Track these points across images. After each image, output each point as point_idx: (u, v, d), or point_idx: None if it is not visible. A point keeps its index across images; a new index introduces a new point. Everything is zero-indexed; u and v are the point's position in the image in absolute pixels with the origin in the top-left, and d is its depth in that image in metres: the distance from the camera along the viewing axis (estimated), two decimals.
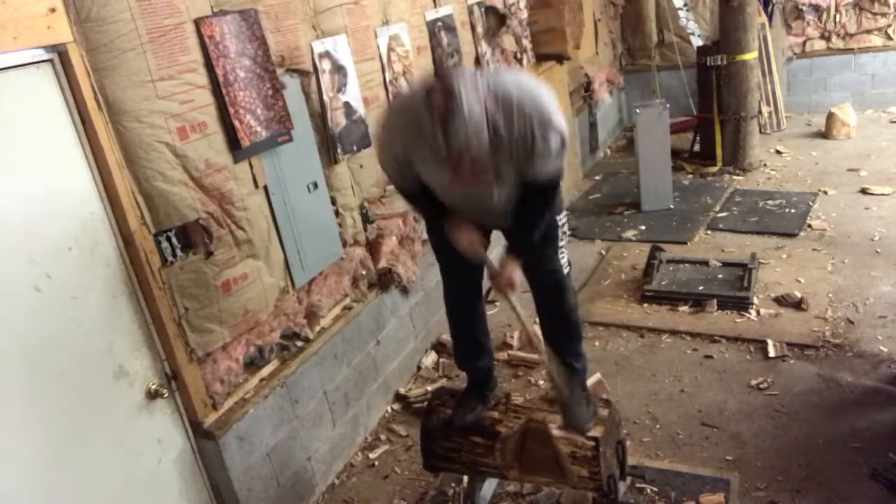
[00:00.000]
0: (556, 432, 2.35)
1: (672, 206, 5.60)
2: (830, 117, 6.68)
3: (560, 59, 5.67)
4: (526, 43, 5.27)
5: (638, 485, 2.75)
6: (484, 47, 4.57)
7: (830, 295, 3.97)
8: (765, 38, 6.83)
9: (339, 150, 3.13)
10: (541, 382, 3.58)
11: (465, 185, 1.94)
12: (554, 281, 2.41)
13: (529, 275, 2.41)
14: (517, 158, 1.98)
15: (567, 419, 2.34)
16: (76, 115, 2.07)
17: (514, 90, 1.90)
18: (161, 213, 2.29)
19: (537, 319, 2.59)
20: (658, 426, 3.15)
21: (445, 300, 2.58)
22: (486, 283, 2.47)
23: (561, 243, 2.38)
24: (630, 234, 5.27)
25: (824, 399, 3.16)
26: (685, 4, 7.18)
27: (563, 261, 2.40)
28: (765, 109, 6.95)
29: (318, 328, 3.05)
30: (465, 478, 2.74)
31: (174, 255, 2.34)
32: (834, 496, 2.63)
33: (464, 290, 2.50)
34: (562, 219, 2.36)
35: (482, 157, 1.80)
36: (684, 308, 4.05)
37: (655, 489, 2.74)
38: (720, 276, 4.32)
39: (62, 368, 2.06)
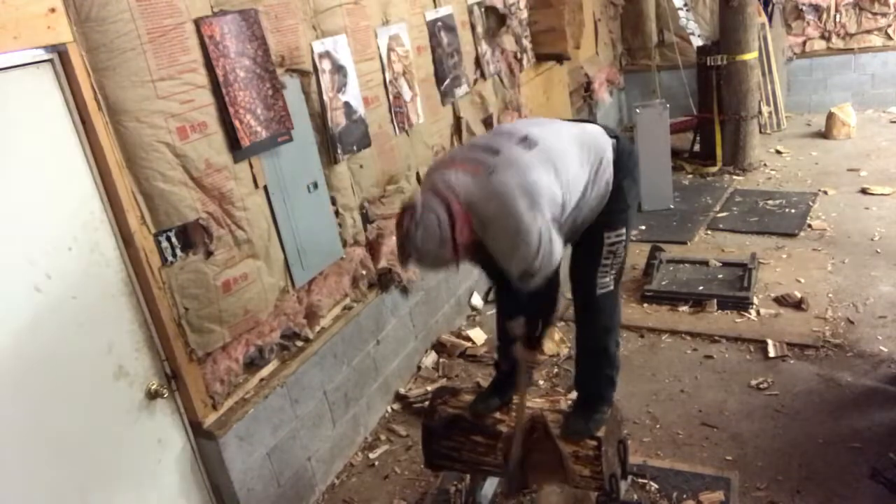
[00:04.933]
0: (557, 432, 2.35)
1: (672, 206, 5.60)
2: (830, 117, 6.68)
3: (560, 59, 5.67)
4: (526, 43, 5.27)
5: (640, 481, 2.75)
6: (484, 47, 4.57)
7: (830, 295, 3.97)
8: (765, 38, 6.83)
9: (339, 150, 3.13)
10: (541, 382, 3.58)
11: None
12: (587, 298, 2.31)
13: (570, 280, 2.37)
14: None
15: (563, 425, 2.36)
16: (76, 116, 2.07)
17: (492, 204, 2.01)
18: (161, 213, 2.29)
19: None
20: (658, 426, 3.15)
21: (496, 301, 2.59)
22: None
23: (607, 261, 2.23)
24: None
25: (824, 399, 3.16)
26: (685, 4, 7.17)
27: (606, 280, 2.26)
28: (765, 109, 6.95)
29: (318, 328, 3.05)
30: (468, 476, 2.74)
31: (174, 255, 2.34)
32: (834, 496, 2.63)
33: (499, 281, 2.45)
34: (611, 236, 2.21)
35: (446, 256, 2.01)
36: (684, 308, 4.05)
37: (657, 486, 2.74)
38: (720, 276, 4.32)
39: (62, 368, 2.06)
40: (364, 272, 3.33)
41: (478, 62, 4.50)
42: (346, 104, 3.18)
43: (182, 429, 2.47)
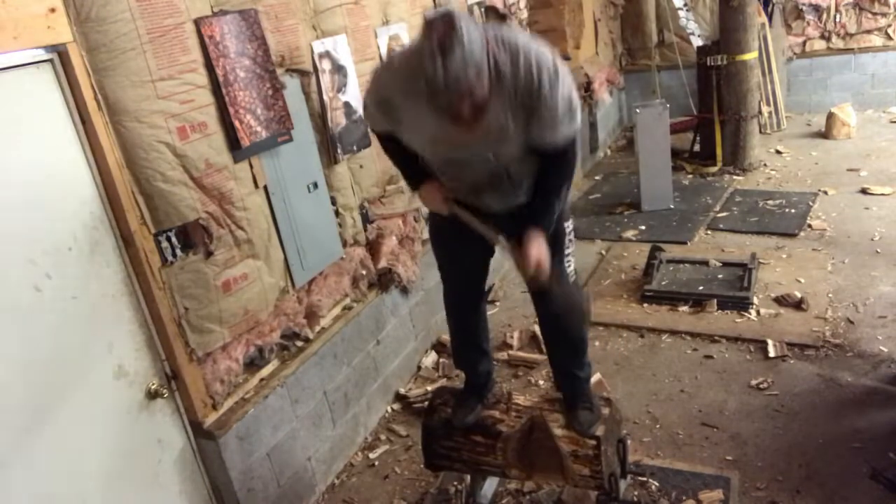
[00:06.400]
0: (557, 431, 2.35)
1: (672, 206, 5.60)
2: (830, 117, 6.68)
3: None
4: None
5: (641, 478, 2.76)
6: None
7: (830, 295, 3.97)
8: (765, 38, 6.83)
9: (339, 150, 3.13)
10: (541, 382, 3.58)
11: (460, 134, 1.86)
12: (559, 291, 2.28)
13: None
14: (522, 112, 1.87)
15: (569, 422, 2.35)
16: (76, 115, 2.07)
17: (522, 42, 1.86)
18: (161, 213, 2.29)
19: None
20: (658, 426, 3.15)
21: (446, 302, 2.52)
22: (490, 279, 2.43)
23: (568, 251, 2.28)
24: (630, 234, 5.27)
25: (824, 399, 3.16)
26: (685, 4, 7.18)
27: (570, 269, 2.30)
28: (765, 109, 6.96)
29: (318, 328, 3.05)
30: (468, 476, 2.73)
31: (174, 255, 2.34)
32: (834, 496, 2.63)
33: (465, 292, 2.44)
34: (569, 225, 2.27)
35: (481, 93, 1.73)
36: (684, 308, 4.05)
37: (657, 485, 2.74)
38: (720, 276, 4.32)
39: (62, 368, 2.06)
40: (364, 272, 3.33)
41: None
42: (346, 104, 3.18)
43: (182, 429, 2.47)
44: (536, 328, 3.95)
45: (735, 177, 6.15)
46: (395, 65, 2.02)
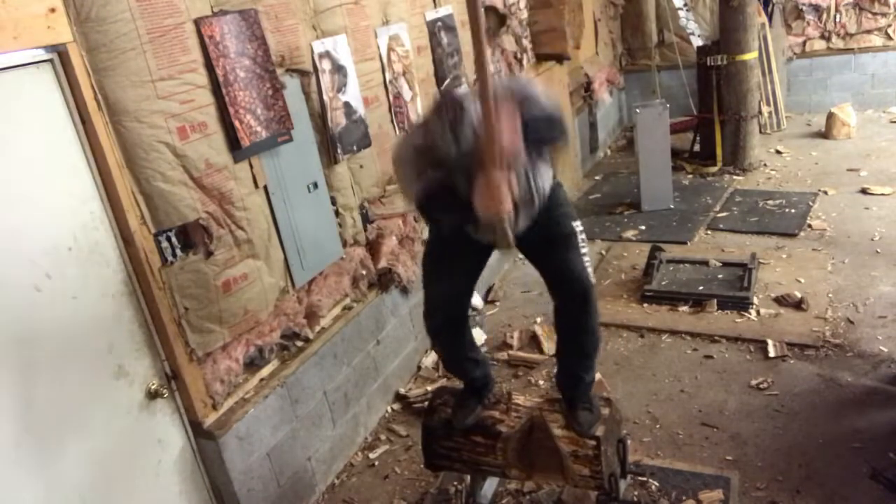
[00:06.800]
0: (557, 431, 2.35)
1: (672, 206, 5.60)
2: (830, 117, 6.68)
3: (560, 59, 5.67)
4: (526, 43, 5.27)
5: (641, 478, 2.75)
6: None
7: (830, 295, 3.97)
8: (765, 38, 6.83)
9: (339, 150, 3.13)
10: (541, 382, 3.58)
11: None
12: (581, 288, 2.25)
13: (553, 280, 2.32)
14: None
15: (569, 423, 2.35)
16: (76, 115, 2.07)
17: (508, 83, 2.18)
18: (161, 213, 2.29)
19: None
20: (658, 426, 3.15)
21: (429, 325, 2.38)
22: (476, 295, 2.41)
23: (584, 250, 2.27)
24: (630, 234, 5.27)
25: (824, 399, 3.16)
26: (685, 4, 7.18)
27: (589, 269, 2.26)
28: (765, 109, 6.96)
29: (318, 328, 3.05)
30: (468, 476, 2.73)
31: (174, 255, 2.34)
32: (834, 496, 2.63)
33: (450, 314, 2.36)
34: (578, 225, 2.28)
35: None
36: (684, 308, 4.05)
37: (657, 484, 2.74)
38: (720, 276, 4.32)
39: (62, 368, 2.06)
40: (364, 272, 3.33)
41: None
42: (346, 104, 3.18)
43: (182, 429, 2.47)
44: (536, 328, 3.96)
45: (735, 177, 6.15)
46: (413, 133, 2.22)
